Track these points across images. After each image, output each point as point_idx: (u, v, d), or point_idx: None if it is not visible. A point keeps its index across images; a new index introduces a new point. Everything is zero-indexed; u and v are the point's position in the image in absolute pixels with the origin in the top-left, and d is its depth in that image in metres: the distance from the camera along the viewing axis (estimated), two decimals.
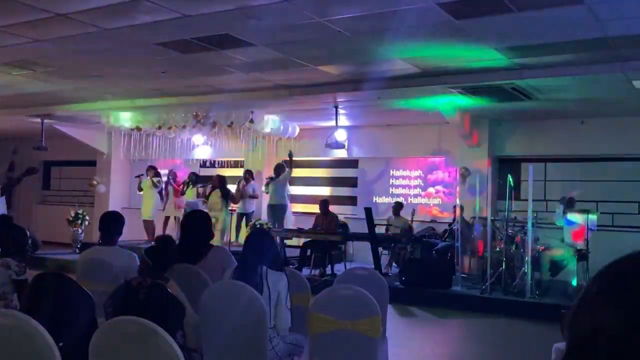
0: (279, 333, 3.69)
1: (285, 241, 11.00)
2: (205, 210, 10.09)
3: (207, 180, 12.84)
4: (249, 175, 12.46)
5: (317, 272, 10.33)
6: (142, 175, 13.06)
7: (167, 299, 3.36)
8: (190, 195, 12.72)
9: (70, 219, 12.74)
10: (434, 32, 6.45)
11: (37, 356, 2.26)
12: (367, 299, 3.59)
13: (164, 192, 13.06)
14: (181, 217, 9.94)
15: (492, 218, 9.37)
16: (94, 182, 14.85)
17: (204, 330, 3.56)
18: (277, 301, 3.66)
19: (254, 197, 12.36)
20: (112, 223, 4.73)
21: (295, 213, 13.07)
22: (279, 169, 11.86)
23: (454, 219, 10.49)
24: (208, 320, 3.56)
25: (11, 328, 2.35)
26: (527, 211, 8.58)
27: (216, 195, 11.61)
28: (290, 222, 12.15)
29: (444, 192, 12.42)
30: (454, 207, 10.62)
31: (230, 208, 11.98)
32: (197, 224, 4.25)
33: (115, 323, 2.46)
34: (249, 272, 3.68)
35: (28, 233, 4.51)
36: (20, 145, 17.26)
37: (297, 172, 12.64)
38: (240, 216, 12.34)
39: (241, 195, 12.21)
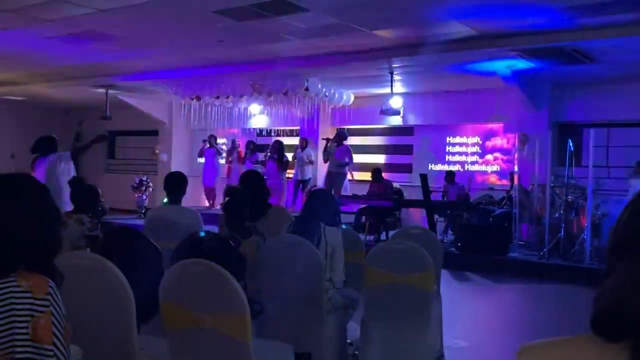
0: (335, 286, 3.82)
1: (341, 207, 11.13)
2: None
3: (264, 149, 13.12)
4: (304, 142, 12.64)
5: (372, 238, 10.44)
6: (206, 140, 13.49)
7: (229, 251, 3.53)
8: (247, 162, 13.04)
9: (135, 185, 13.26)
10: None
11: (112, 293, 2.45)
12: (421, 253, 3.66)
13: (226, 160, 13.45)
14: None
15: (552, 184, 9.20)
16: (157, 151, 15.36)
17: (263, 282, 3.72)
18: (332, 255, 3.78)
19: (309, 162, 12.55)
20: (176, 183, 4.94)
21: (350, 181, 13.18)
22: (340, 136, 11.92)
23: (511, 186, 10.35)
24: (266, 273, 3.72)
25: (88, 269, 2.55)
26: (588, 178, 8.41)
27: (274, 161, 11.85)
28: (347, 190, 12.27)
29: (502, 159, 12.23)
30: (512, 173, 10.45)
31: (287, 175, 12.21)
32: (254, 183, 4.39)
33: (183, 265, 2.64)
34: (308, 227, 3.80)
35: (100, 192, 4.76)
36: (85, 116, 17.97)
37: (352, 140, 12.70)
38: (297, 183, 12.56)
39: (298, 162, 12.41)
